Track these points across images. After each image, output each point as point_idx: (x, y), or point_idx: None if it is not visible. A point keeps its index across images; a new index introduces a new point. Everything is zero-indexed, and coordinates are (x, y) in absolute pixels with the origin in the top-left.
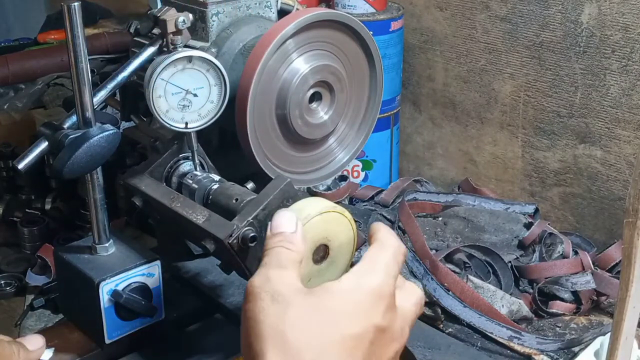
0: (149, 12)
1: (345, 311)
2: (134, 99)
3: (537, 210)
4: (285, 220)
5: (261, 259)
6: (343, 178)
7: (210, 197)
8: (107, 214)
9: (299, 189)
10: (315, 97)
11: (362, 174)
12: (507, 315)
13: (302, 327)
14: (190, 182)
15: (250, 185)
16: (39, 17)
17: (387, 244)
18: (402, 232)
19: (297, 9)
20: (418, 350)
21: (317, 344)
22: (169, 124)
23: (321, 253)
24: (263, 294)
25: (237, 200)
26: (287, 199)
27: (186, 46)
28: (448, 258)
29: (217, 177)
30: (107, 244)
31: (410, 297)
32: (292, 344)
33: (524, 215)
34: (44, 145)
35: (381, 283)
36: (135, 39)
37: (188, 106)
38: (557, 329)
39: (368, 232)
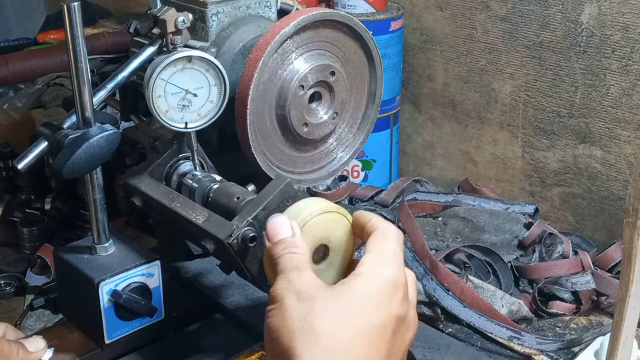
0: (148, 12)
1: (368, 303)
2: (133, 98)
3: (537, 210)
4: (280, 226)
5: (275, 269)
6: (343, 178)
7: (210, 197)
8: (107, 214)
9: (299, 189)
10: (315, 97)
11: (362, 174)
12: (507, 315)
13: (330, 318)
14: (190, 182)
15: (251, 187)
16: (38, 17)
17: (388, 232)
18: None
19: (297, 9)
20: (418, 350)
21: (346, 334)
22: (168, 124)
23: (321, 253)
24: (289, 294)
25: (237, 200)
26: (287, 199)
27: (186, 46)
28: (448, 258)
29: (217, 177)
30: (106, 244)
31: (410, 284)
32: (322, 334)
33: (524, 215)
34: (43, 145)
35: (395, 273)
36: (135, 38)
37: (188, 106)
38: (557, 329)
39: (354, 221)
